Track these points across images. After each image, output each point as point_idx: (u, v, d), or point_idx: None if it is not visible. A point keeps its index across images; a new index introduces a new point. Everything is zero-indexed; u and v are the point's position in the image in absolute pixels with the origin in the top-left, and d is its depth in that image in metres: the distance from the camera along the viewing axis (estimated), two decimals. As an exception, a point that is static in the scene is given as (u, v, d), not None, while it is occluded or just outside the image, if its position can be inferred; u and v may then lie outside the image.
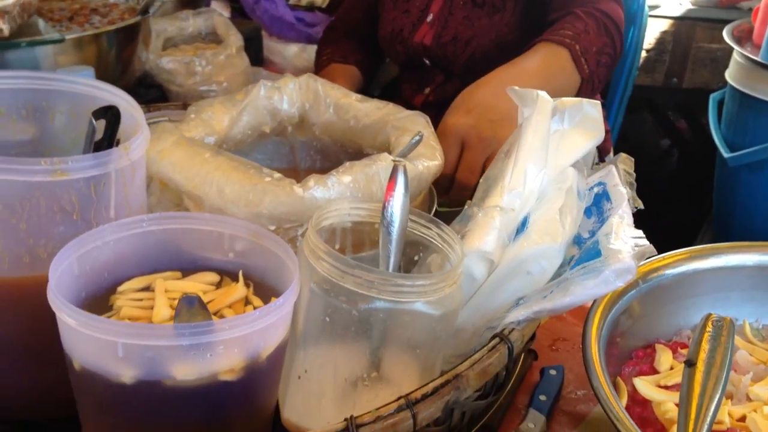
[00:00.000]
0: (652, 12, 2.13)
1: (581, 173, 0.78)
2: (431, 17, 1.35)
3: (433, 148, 0.85)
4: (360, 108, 0.92)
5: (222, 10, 1.76)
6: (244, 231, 0.69)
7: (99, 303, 0.66)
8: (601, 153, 1.55)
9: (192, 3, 1.68)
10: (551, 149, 0.76)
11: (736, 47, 1.65)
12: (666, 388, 0.71)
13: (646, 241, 0.66)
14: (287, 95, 0.93)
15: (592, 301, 0.75)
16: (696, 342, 0.58)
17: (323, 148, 0.97)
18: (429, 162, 0.82)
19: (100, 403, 0.62)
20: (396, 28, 1.38)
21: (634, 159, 0.83)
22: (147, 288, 0.69)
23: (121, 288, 0.68)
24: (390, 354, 0.65)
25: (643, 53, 2.18)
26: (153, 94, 1.33)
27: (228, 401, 0.62)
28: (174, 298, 0.67)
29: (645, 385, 0.70)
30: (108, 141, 0.65)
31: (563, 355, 0.87)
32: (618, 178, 0.79)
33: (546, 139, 0.75)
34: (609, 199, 0.76)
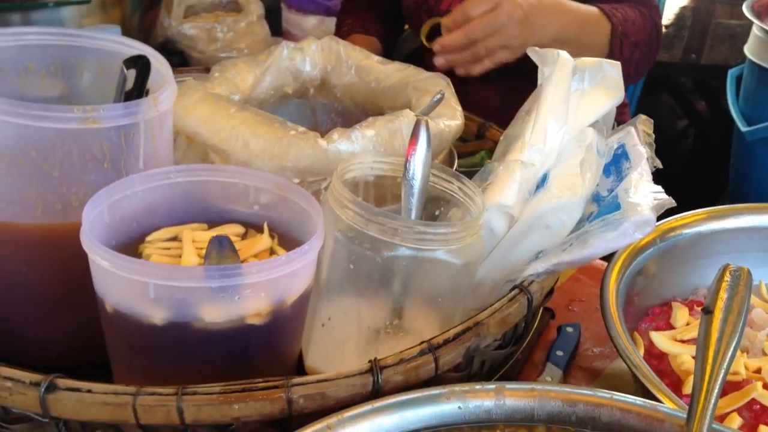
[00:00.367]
0: (671, -12, 2.13)
1: (601, 133, 0.79)
2: None
3: (454, 108, 0.86)
4: (381, 70, 0.93)
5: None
6: (269, 183, 0.70)
7: (128, 252, 0.68)
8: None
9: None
10: (571, 108, 0.77)
11: (755, 21, 1.64)
12: (682, 342, 0.72)
13: (665, 195, 0.67)
14: (309, 57, 0.94)
15: (608, 262, 0.76)
16: (713, 291, 0.58)
17: (344, 110, 0.98)
18: (450, 121, 0.83)
19: (130, 345, 0.63)
20: None
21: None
22: (174, 238, 0.70)
23: (150, 238, 0.69)
24: (412, 303, 0.66)
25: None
26: (175, 60, 1.34)
27: (254, 345, 0.63)
28: (201, 248, 0.69)
29: (661, 339, 0.71)
30: (138, 91, 0.67)
31: (579, 315, 0.89)
32: (637, 138, 0.80)
33: (566, 98, 0.75)
34: (628, 158, 0.77)
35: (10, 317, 0.70)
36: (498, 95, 1.33)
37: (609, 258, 0.77)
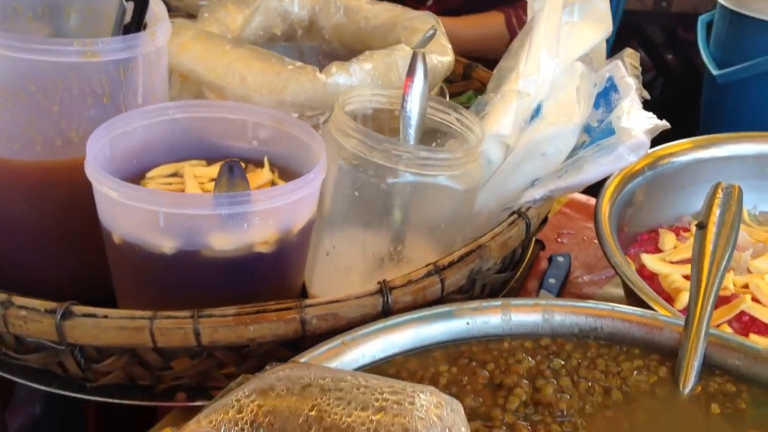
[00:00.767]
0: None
1: (590, 66, 0.81)
2: None
3: (444, 45, 0.87)
4: (369, 9, 0.93)
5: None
6: (267, 118, 0.71)
7: (130, 187, 0.68)
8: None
9: None
10: (561, 41, 0.78)
11: (726, -34, 1.66)
12: (671, 263, 0.75)
13: (657, 119, 0.69)
14: (297, -3, 0.94)
15: (596, 197, 0.79)
16: (706, 207, 0.61)
17: (332, 52, 0.98)
18: (442, 57, 0.84)
19: (139, 276, 0.64)
20: None
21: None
22: (174, 174, 0.70)
23: (150, 174, 0.70)
24: (415, 230, 0.68)
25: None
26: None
27: (261, 273, 0.65)
28: (202, 182, 0.69)
29: (652, 260, 0.74)
30: (136, 24, 0.66)
31: (569, 246, 0.91)
32: (624, 71, 0.81)
33: (558, 29, 0.77)
34: (617, 90, 0.79)
35: (12, 255, 0.70)
36: None
37: (596, 192, 0.79)
